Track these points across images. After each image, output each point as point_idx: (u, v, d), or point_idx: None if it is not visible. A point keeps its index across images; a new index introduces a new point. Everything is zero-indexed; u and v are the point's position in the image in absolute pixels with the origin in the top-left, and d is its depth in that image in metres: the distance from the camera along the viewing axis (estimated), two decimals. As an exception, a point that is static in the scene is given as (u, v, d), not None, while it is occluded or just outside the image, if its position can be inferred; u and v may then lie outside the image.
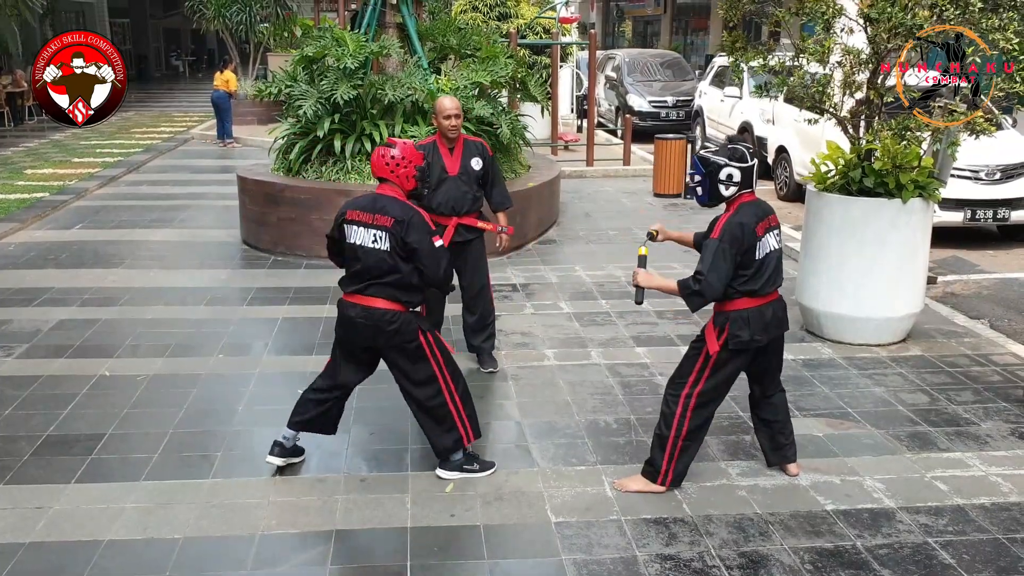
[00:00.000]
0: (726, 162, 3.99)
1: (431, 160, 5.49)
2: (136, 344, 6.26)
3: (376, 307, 4.11)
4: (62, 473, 4.41)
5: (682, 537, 3.89)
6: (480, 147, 5.68)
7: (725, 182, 4.01)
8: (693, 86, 17.63)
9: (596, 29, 17.43)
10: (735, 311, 4.05)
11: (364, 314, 4.12)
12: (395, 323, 4.11)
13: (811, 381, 5.66)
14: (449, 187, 5.51)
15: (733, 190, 4.03)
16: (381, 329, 4.11)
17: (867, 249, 6.09)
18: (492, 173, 5.72)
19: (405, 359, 4.20)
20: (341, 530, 3.95)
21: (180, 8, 29.39)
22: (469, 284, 5.79)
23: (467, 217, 5.57)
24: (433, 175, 5.46)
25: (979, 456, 4.65)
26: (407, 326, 4.14)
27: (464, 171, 5.54)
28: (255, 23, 21.62)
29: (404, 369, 4.23)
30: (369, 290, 4.11)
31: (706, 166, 4.03)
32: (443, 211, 5.50)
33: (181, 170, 14.45)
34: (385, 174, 4.16)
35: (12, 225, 9.88)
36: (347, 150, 8.69)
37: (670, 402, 4.17)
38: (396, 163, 4.13)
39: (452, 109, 5.42)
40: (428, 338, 4.22)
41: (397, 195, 4.15)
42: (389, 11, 9.48)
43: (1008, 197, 9.38)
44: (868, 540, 3.87)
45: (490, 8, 16.57)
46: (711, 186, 4.04)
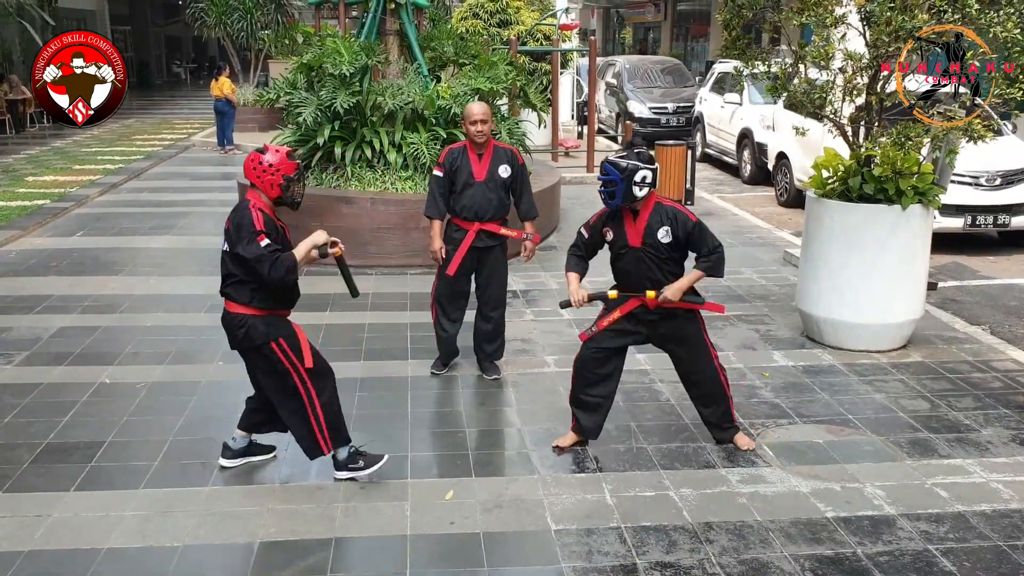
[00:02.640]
0: (639, 165, 4.30)
1: (459, 165, 5.50)
2: (136, 351, 6.26)
3: (229, 311, 4.16)
4: (61, 481, 4.41)
5: (682, 544, 3.89)
6: (510, 154, 5.63)
7: (640, 184, 4.32)
8: (693, 92, 17.66)
9: (596, 36, 17.45)
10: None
11: (222, 318, 4.20)
12: (243, 327, 4.12)
13: (811, 387, 5.65)
14: (475, 192, 5.49)
15: (646, 190, 4.36)
16: (233, 333, 4.17)
17: (867, 255, 6.09)
18: (521, 181, 5.66)
19: (262, 363, 4.23)
20: (341, 538, 3.95)
21: (182, 15, 29.46)
22: (485, 292, 5.75)
23: (490, 224, 5.55)
24: (460, 179, 5.49)
25: (980, 463, 4.64)
26: (254, 330, 4.13)
27: (491, 177, 5.51)
28: (256, 30, 21.66)
29: (262, 372, 4.27)
30: (225, 293, 4.17)
31: (621, 171, 4.31)
32: (466, 216, 5.51)
33: (182, 177, 14.47)
34: (252, 178, 4.15)
35: (13, 232, 9.89)
36: (347, 157, 8.70)
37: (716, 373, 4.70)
38: (263, 169, 4.11)
39: (479, 115, 5.40)
40: (281, 344, 4.18)
41: (256, 199, 4.13)
42: (389, 18, 9.49)
43: (1008, 203, 9.38)
44: (869, 547, 3.86)
45: (490, 15, 16.60)
46: (626, 189, 4.31)
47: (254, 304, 4.13)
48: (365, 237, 8.33)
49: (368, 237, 8.34)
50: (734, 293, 7.63)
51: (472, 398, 5.52)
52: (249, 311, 4.12)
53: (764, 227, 10.48)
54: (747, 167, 13.94)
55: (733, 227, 10.39)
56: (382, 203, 8.35)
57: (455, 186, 5.53)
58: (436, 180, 5.57)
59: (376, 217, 8.34)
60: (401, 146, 8.68)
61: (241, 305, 4.12)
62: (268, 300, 4.15)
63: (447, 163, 5.54)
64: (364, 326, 6.77)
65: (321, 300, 7.30)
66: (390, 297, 7.51)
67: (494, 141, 5.64)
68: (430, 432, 5.03)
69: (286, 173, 4.13)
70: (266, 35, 21.81)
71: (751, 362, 6.07)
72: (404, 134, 8.69)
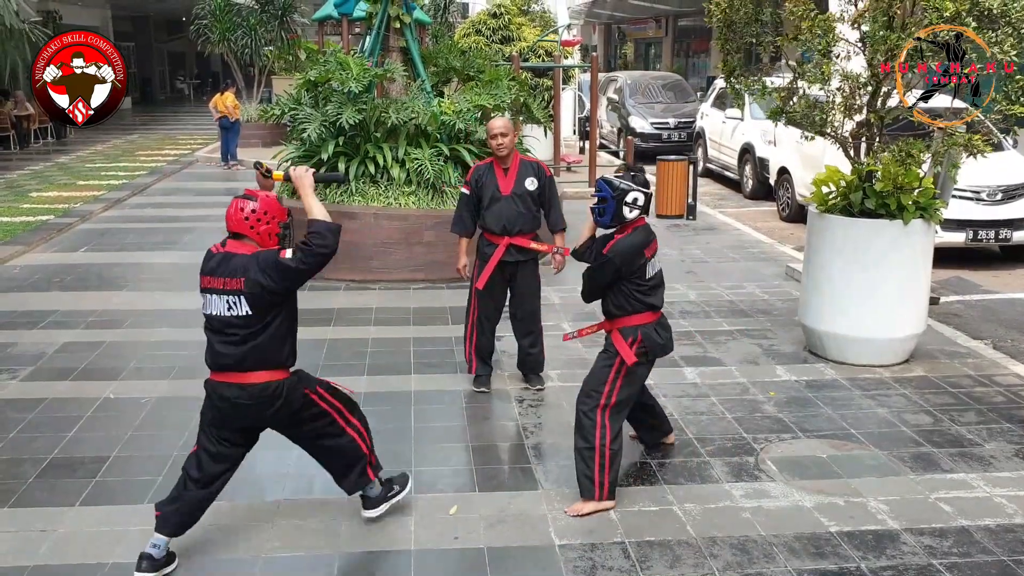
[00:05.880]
0: (632, 187, 4.23)
1: (485, 180, 5.56)
2: (140, 367, 6.27)
3: (256, 382, 3.64)
4: (66, 496, 4.42)
5: (686, 559, 3.89)
6: (536, 167, 5.69)
7: (630, 205, 4.24)
8: (695, 108, 17.73)
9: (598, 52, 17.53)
10: (644, 324, 4.31)
11: (244, 396, 3.66)
12: (280, 395, 3.69)
13: (814, 402, 5.66)
14: (502, 207, 5.55)
15: (636, 213, 4.27)
16: (268, 407, 3.69)
17: (869, 270, 6.11)
18: (549, 194, 5.70)
19: (307, 421, 3.86)
20: (345, 553, 3.95)
21: (185, 32, 29.60)
22: (520, 308, 5.79)
23: (519, 237, 5.59)
24: (486, 194, 5.55)
25: (983, 477, 4.64)
26: (293, 392, 3.75)
27: (518, 191, 5.57)
28: (260, 47, 21.78)
29: (307, 431, 3.90)
30: (246, 367, 3.64)
31: (614, 190, 4.25)
32: (495, 230, 5.57)
33: (186, 192, 14.52)
34: (243, 230, 3.64)
35: (17, 248, 9.93)
36: (351, 173, 8.75)
37: (589, 415, 4.29)
38: (256, 218, 3.62)
39: (499, 128, 5.47)
40: (318, 391, 3.88)
41: (245, 250, 3.64)
42: (393, 35, 9.56)
43: (1010, 217, 9.40)
44: (872, 562, 3.86)
45: (493, 32, 16.69)
46: (616, 209, 4.25)
47: (289, 361, 3.76)
48: (368, 252, 8.36)
49: (371, 252, 8.37)
50: (737, 308, 7.64)
51: (476, 412, 5.52)
52: (281, 374, 3.71)
53: (766, 242, 10.50)
54: (749, 182, 13.98)
55: (735, 242, 10.41)
56: (385, 218, 8.39)
57: (482, 201, 5.59)
58: (463, 198, 5.69)
59: (379, 232, 8.37)
60: (404, 161, 8.72)
61: (274, 370, 3.69)
62: (292, 353, 3.81)
63: (473, 180, 5.63)
64: (368, 340, 6.78)
65: (325, 315, 7.32)
66: (393, 312, 7.52)
67: (520, 155, 5.71)
68: (434, 447, 5.03)
69: (281, 220, 3.73)
70: (269, 51, 21.93)
71: (754, 376, 6.08)
72: (408, 150, 8.74)
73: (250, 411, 3.71)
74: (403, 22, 9.42)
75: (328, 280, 8.35)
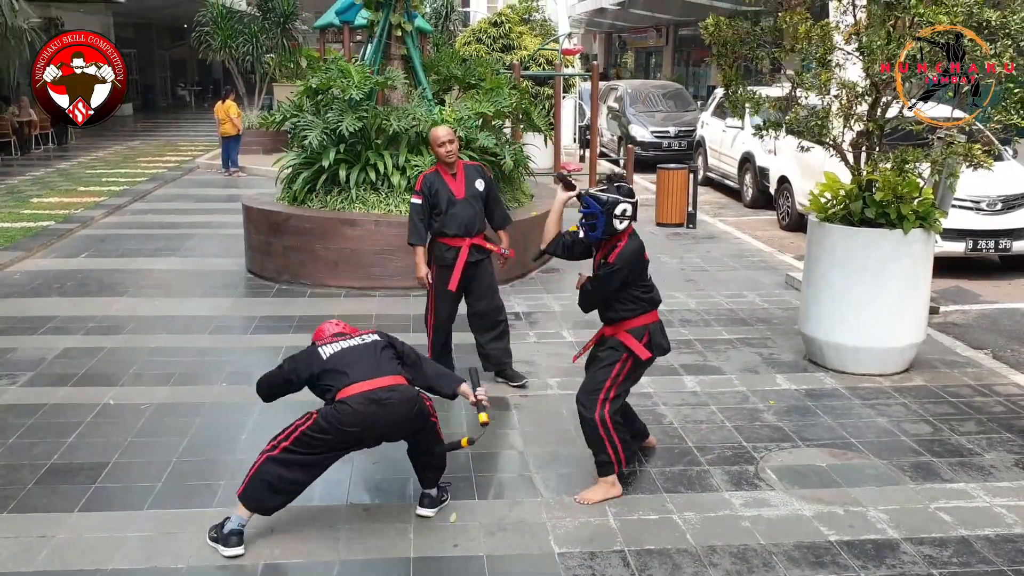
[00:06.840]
0: (619, 199, 4.31)
1: (437, 187, 5.71)
2: (140, 373, 6.27)
3: (403, 384, 4.04)
4: (65, 502, 4.42)
5: (686, 568, 3.88)
6: (480, 169, 5.99)
7: (620, 217, 4.32)
8: (695, 116, 17.76)
9: (599, 60, 17.57)
10: (652, 323, 4.48)
11: (395, 398, 3.96)
12: (416, 401, 4.06)
13: (814, 411, 5.66)
14: (459, 210, 5.72)
15: (626, 223, 4.36)
16: (411, 411, 4.02)
17: (869, 279, 6.12)
18: (494, 193, 5.98)
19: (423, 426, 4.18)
20: (344, 560, 3.95)
21: (187, 39, 29.69)
22: (483, 304, 5.93)
23: (478, 237, 5.80)
24: (442, 200, 5.70)
25: (983, 487, 4.64)
26: (422, 398, 4.13)
27: (470, 193, 5.78)
28: (261, 54, 21.83)
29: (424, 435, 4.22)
30: (381, 371, 4.02)
31: (603, 204, 4.31)
32: (457, 233, 5.72)
33: (186, 199, 14.53)
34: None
35: (18, 253, 9.94)
36: (352, 180, 8.77)
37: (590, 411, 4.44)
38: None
39: (445, 136, 5.68)
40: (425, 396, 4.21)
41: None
42: (394, 43, 9.58)
43: (1009, 227, 9.42)
44: (872, 571, 3.86)
45: (494, 40, 16.74)
46: (607, 222, 4.32)
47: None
48: (369, 259, 8.38)
49: (372, 259, 8.39)
50: (737, 316, 7.65)
51: (474, 420, 5.50)
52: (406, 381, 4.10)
53: (766, 251, 10.51)
54: (749, 191, 14.00)
55: (735, 251, 10.42)
56: (386, 225, 8.40)
57: (437, 208, 5.72)
58: (416, 208, 5.76)
59: (380, 239, 8.38)
60: (405, 169, 8.74)
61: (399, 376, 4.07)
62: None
63: (424, 189, 5.73)
64: (367, 348, 6.77)
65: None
66: (393, 319, 7.52)
67: (461, 160, 5.94)
68: (433, 454, 5.02)
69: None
70: (271, 59, 21.98)
71: (753, 385, 6.08)
72: (408, 157, 8.75)
73: (396, 417, 3.99)
74: (405, 30, 9.44)
75: (329, 287, 8.36)
